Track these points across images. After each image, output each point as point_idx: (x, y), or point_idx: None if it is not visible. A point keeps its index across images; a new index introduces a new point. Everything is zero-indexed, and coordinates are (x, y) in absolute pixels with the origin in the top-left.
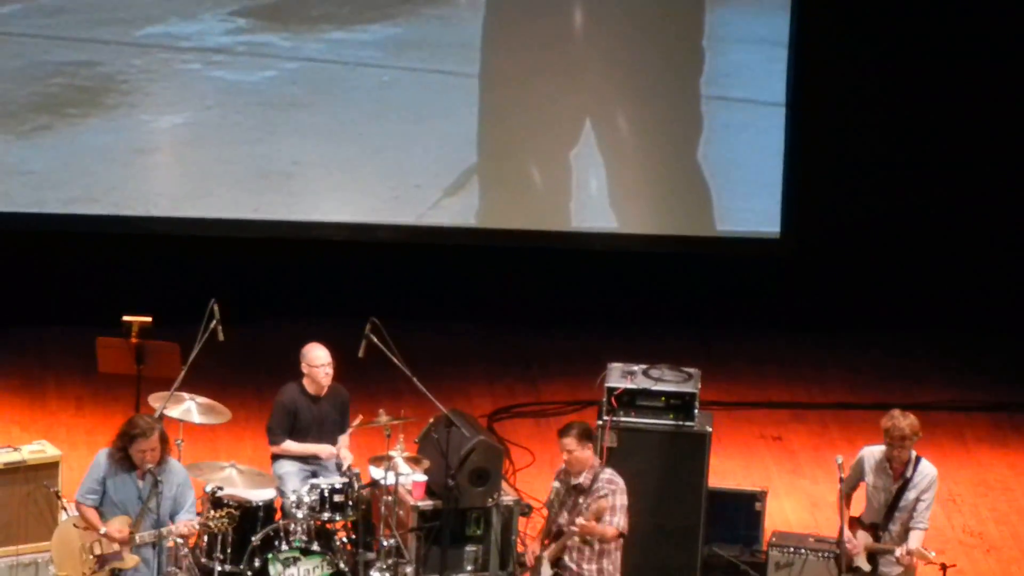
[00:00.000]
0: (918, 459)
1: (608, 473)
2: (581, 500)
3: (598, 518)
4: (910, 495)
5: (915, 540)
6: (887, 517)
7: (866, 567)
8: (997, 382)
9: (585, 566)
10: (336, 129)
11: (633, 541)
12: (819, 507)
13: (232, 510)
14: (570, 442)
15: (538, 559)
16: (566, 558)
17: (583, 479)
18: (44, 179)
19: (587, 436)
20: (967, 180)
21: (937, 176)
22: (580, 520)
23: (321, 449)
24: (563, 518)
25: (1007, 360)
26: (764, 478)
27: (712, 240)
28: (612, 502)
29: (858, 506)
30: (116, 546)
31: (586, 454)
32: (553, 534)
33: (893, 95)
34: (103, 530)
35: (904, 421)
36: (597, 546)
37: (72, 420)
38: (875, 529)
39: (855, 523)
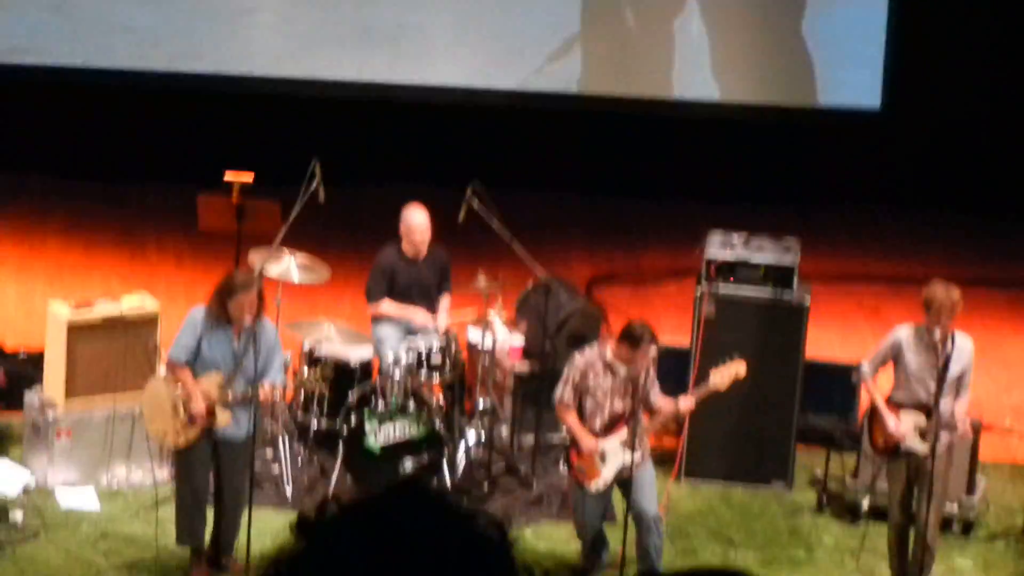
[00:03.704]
0: (951, 333)
1: None
2: (641, 380)
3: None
4: (954, 369)
5: (964, 410)
6: (937, 395)
7: (922, 448)
8: None
9: (646, 438)
10: None
11: (729, 408)
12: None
13: (327, 370)
14: (654, 350)
15: (601, 451)
16: (638, 441)
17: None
18: (147, 36)
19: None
20: None
21: None
22: (689, 402)
23: (416, 314)
24: (618, 404)
25: None
26: (861, 351)
27: (813, 111)
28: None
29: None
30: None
31: None
32: (610, 422)
33: None
34: (197, 393)
35: (952, 294)
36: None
37: (172, 275)
38: (925, 410)
39: (891, 406)
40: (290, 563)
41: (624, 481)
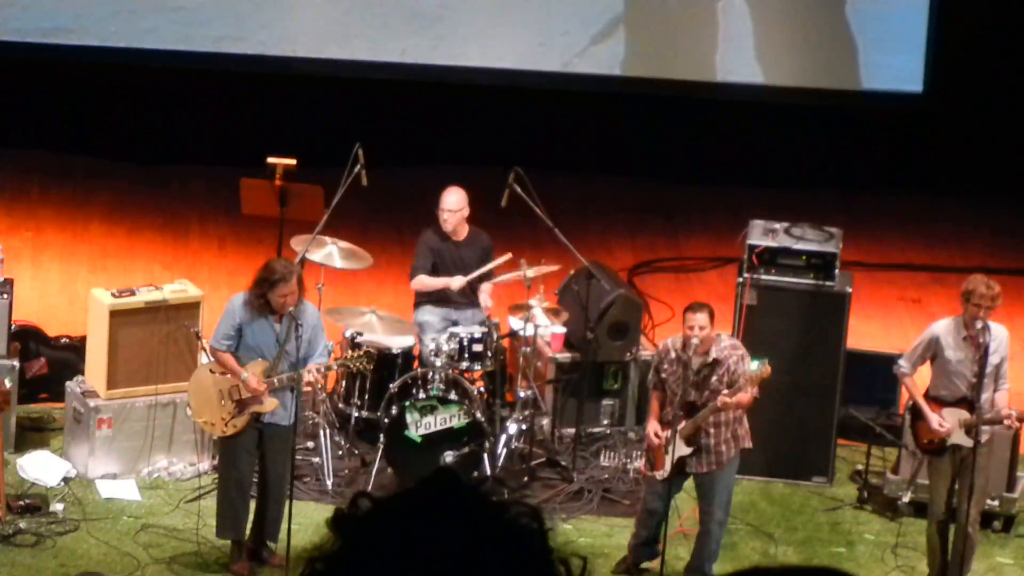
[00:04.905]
0: (986, 324)
1: (728, 340)
2: (712, 373)
3: (729, 386)
4: (993, 360)
5: (1005, 400)
6: (978, 388)
7: (968, 442)
8: None
9: (723, 436)
10: None
11: (769, 400)
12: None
13: (370, 349)
14: (704, 318)
15: (667, 440)
16: (703, 436)
17: (712, 354)
18: (192, 16)
19: (713, 316)
20: None
21: None
22: (724, 398)
23: (452, 280)
24: (690, 395)
25: None
26: (903, 341)
27: (855, 95)
28: (743, 369)
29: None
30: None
31: (713, 333)
32: (679, 412)
33: None
34: (244, 375)
35: (992, 289)
36: (731, 415)
37: (214, 260)
38: (968, 404)
39: (932, 402)
40: (326, 560)
41: (690, 476)
